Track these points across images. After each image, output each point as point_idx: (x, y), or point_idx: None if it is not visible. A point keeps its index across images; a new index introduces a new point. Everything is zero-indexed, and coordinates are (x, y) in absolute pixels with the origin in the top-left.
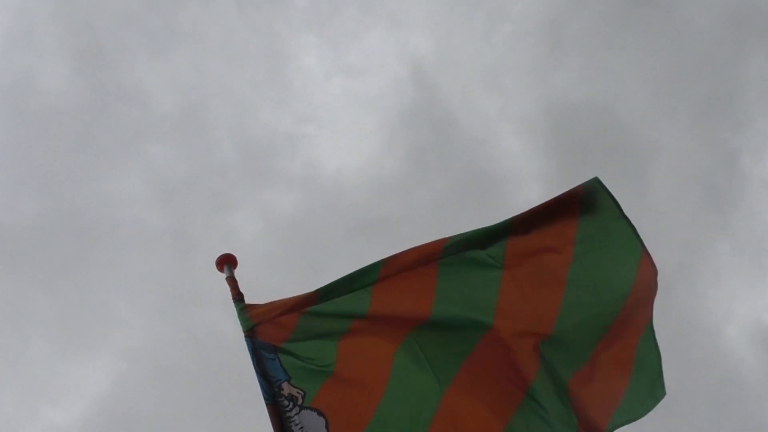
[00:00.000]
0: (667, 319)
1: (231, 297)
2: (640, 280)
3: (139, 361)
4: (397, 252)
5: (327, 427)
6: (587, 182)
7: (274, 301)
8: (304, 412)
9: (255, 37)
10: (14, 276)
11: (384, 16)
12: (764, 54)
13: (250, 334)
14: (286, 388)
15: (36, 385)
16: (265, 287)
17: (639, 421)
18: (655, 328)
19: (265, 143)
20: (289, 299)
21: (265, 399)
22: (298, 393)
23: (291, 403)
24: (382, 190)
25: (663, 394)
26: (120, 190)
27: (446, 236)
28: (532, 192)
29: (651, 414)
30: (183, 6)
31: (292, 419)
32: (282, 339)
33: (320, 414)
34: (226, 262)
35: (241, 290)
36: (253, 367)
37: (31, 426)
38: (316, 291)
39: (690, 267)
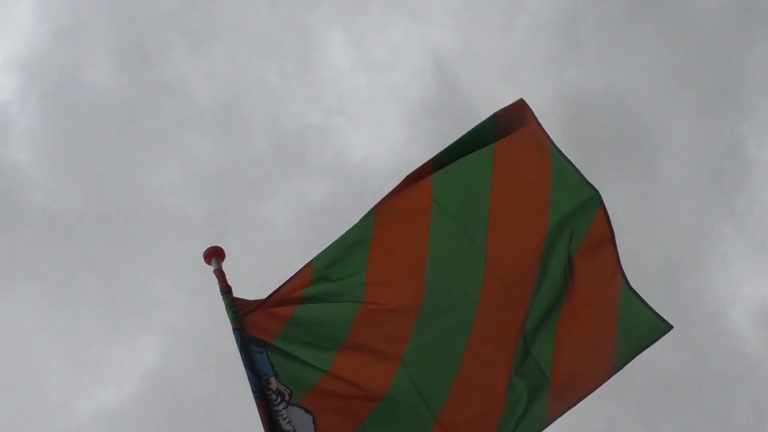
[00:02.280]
0: (674, 301)
1: (219, 290)
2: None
3: (183, 340)
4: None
5: (314, 423)
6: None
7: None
8: (291, 408)
9: (286, 32)
10: (65, 260)
11: (408, 11)
12: None
13: (239, 326)
14: (274, 383)
15: (86, 364)
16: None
17: (646, 400)
18: (663, 311)
19: (298, 135)
20: (280, 290)
21: (254, 392)
22: (285, 390)
23: (279, 398)
24: None
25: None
26: (161, 179)
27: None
28: None
29: (660, 392)
30: (220, 4)
31: (279, 413)
32: (272, 335)
33: (307, 411)
34: (214, 255)
35: (230, 283)
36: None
37: (83, 404)
38: (309, 267)
39: (697, 250)
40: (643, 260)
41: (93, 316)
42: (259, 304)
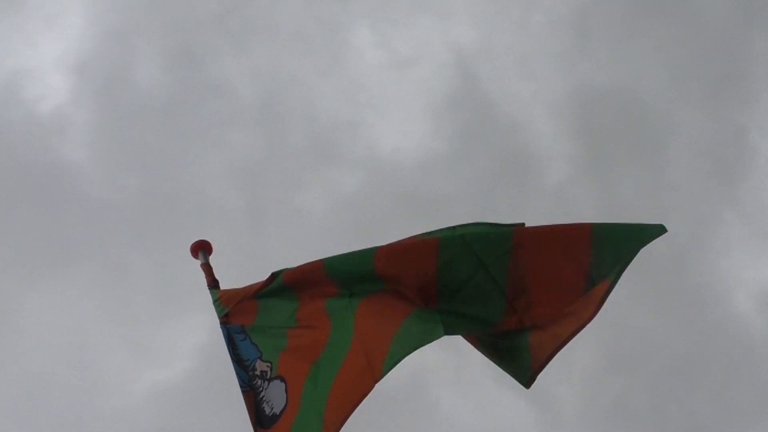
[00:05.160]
0: (680, 286)
1: (206, 284)
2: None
3: None
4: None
5: (286, 390)
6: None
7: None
8: (271, 384)
9: (320, 30)
10: (119, 245)
11: (430, 9)
12: None
13: (225, 320)
14: (259, 366)
15: (141, 343)
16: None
17: (655, 381)
18: (670, 295)
19: (331, 129)
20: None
21: (241, 386)
22: (267, 367)
23: (262, 381)
24: (432, 169)
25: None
26: (205, 171)
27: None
28: (561, 171)
29: (667, 375)
30: (258, 5)
31: (263, 399)
32: (250, 319)
33: (282, 380)
34: (201, 249)
35: (217, 277)
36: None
37: (139, 382)
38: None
39: (701, 236)
40: (650, 246)
41: (145, 297)
42: (243, 296)
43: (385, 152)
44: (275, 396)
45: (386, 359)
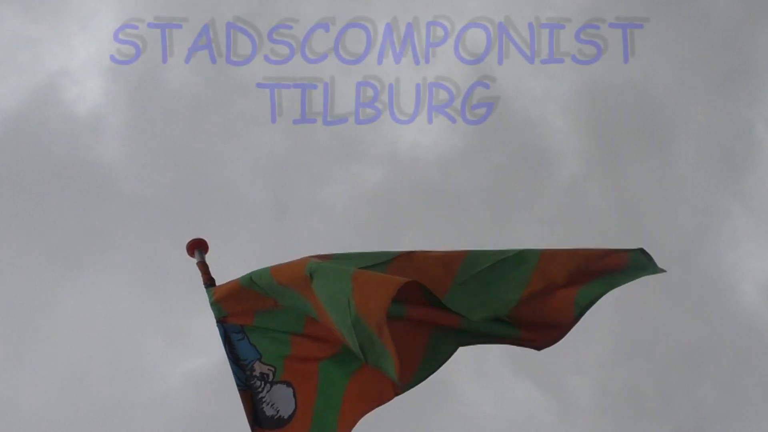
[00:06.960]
0: (688, 278)
1: (202, 282)
2: None
3: None
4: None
5: (294, 395)
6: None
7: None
8: (274, 387)
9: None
10: (153, 239)
11: (445, 8)
12: None
13: (222, 319)
14: (258, 367)
15: (175, 332)
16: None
17: (664, 371)
18: (678, 287)
19: (352, 125)
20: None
21: (238, 385)
22: (269, 370)
23: (262, 383)
24: (449, 164)
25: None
26: (233, 167)
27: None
28: (573, 165)
29: (676, 365)
30: (283, 6)
31: (263, 399)
32: (250, 318)
33: (289, 385)
34: (197, 247)
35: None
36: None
37: (175, 370)
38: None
39: (709, 229)
40: (660, 239)
41: (178, 288)
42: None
43: (405, 148)
44: (280, 400)
45: (415, 375)
